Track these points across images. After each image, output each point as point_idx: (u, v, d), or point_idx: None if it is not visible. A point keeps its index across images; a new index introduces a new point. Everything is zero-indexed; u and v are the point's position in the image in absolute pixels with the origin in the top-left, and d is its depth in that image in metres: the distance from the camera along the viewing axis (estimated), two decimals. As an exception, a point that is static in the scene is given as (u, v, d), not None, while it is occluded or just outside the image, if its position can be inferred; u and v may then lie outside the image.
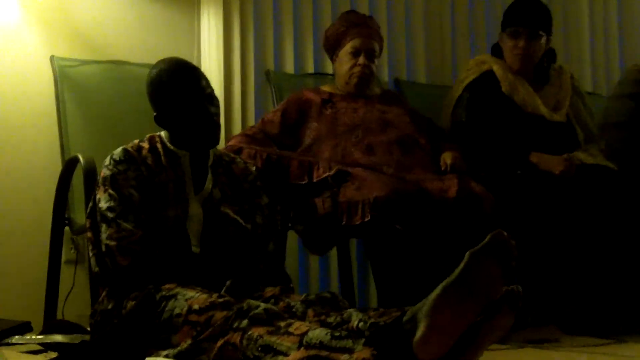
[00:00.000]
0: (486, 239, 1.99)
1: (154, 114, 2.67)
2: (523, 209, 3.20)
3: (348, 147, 3.28)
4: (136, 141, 2.69)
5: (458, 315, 1.93)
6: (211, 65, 3.77)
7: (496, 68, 3.64)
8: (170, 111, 2.65)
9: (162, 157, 2.65)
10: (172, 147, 2.68)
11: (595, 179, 3.31)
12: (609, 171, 3.41)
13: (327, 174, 3.08)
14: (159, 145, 2.68)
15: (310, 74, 4.00)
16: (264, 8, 3.94)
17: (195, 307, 2.17)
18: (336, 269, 3.81)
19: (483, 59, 3.77)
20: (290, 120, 3.41)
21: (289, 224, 3.17)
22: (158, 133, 2.73)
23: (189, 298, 2.21)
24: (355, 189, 2.99)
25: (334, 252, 3.70)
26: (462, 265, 1.96)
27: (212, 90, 2.72)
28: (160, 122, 2.68)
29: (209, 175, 2.70)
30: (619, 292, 3.27)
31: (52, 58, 3.47)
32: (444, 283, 1.95)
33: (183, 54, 3.28)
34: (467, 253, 1.98)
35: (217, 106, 2.72)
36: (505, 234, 2.01)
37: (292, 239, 3.44)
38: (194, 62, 3.16)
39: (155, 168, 2.62)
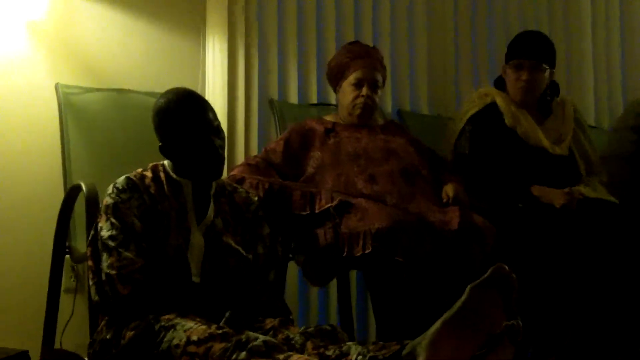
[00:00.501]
0: (487, 273, 1.99)
1: (159, 143, 2.68)
2: (524, 242, 3.19)
3: (351, 177, 3.28)
4: (139, 170, 2.70)
5: (458, 349, 1.93)
6: (215, 93, 3.78)
7: (499, 100, 3.65)
8: (176, 142, 2.65)
9: (165, 186, 2.65)
10: (175, 176, 2.69)
11: (597, 213, 3.30)
12: (611, 205, 3.41)
13: (329, 204, 3.08)
14: (162, 174, 2.68)
15: (314, 104, 4.01)
16: (268, 38, 3.96)
17: (194, 338, 2.17)
18: (336, 301, 3.81)
19: (486, 91, 3.78)
20: (293, 149, 3.42)
21: (290, 255, 3.17)
22: (161, 162, 2.73)
23: (188, 329, 2.21)
24: (358, 220, 2.99)
25: (333, 284, 3.69)
26: (462, 299, 1.96)
27: (219, 123, 2.72)
28: (165, 152, 2.68)
29: (211, 205, 2.71)
30: (620, 328, 3.25)
31: (57, 85, 3.48)
32: (443, 317, 1.95)
33: (187, 83, 3.30)
34: (468, 287, 1.98)
35: (223, 139, 2.72)
36: (507, 267, 2.01)
37: (292, 270, 3.44)
38: (198, 91, 3.17)
39: (158, 197, 2.62)
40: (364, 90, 3.42)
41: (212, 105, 2.79)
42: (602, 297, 3.21)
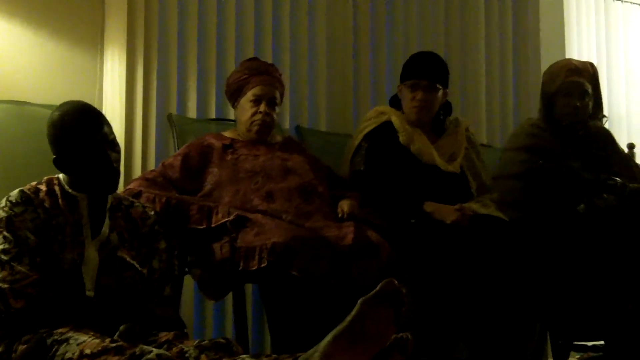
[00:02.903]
0: (377, 288, 2.04)
1: (54, 156, 2.66)
2: (417, 257, 3.25)
3: (248, 194, 3.30)
4: (34, 183, 2.67)
5: (349, 362, 1.97)
6: (113, 107, 3.76)
7: (394, 119, 3.71)
8: (70, 155, 2.64)
9: (60, 200, 2.64)
10: (70, 190, 2.67)
11: (487, 229, 3.39)
12: (500, 222, 3.50)
13: (226, 219, 3.09)
14: (56, 188, 2.67)
15: (213, 120, 4.00)
16: (167, 52, 3.94)
17: (87, 351, 2.17)
18: (231, 314, 3.81)
19: (382, 109, 3.83)
20: (191, 165, 3.42)
21: (186, 269, 3.17)
22: (56, 175, 2.72)
23: (81, 342, 2.21)
24: (254, 235, 3.01)
25: (229, 298, 3.70)
26: (353, 312, 2.01)
27: (115, 137, 2.72)
28: (60, 165, 2.67)
29: (107, 220, 2.70)
30: (510, 338, 3.34)
31: (-51, 97, 3.42)
32: (335, 330, 1.99)
33: (85, 96, 3.27)
34: (359, 301, 2.03)
35: (118, 152, 2.73)
36: (397, 282, 2.07)
37: (188, 284, 3.43)
38: (96, 104, 3.16)
39: (53, 211, 2.61)
40: (262, 107, 3.44)
41: (110, 118, 2.79)
42: (493, 309, 3.29)
